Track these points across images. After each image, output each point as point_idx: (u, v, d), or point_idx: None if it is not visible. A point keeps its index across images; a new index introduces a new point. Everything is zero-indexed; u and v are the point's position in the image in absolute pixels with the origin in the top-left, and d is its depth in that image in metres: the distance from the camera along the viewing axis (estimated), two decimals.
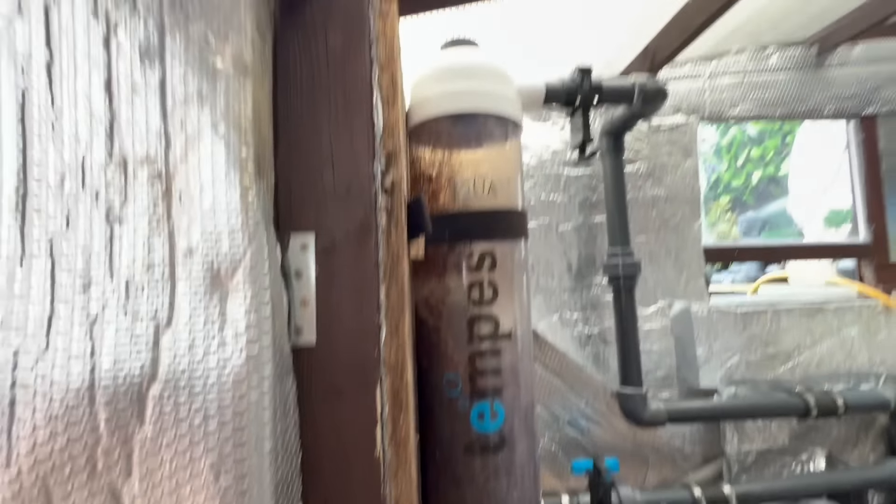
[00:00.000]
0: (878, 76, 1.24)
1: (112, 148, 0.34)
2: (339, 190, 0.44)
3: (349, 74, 0.45)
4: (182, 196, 0.34)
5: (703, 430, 1.12)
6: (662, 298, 1.16)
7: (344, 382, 0.42)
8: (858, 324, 1.16)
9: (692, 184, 1.19)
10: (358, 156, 0.44)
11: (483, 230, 0.68)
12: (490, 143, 0.72)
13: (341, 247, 0.43)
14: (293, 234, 0.43)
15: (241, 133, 0.35)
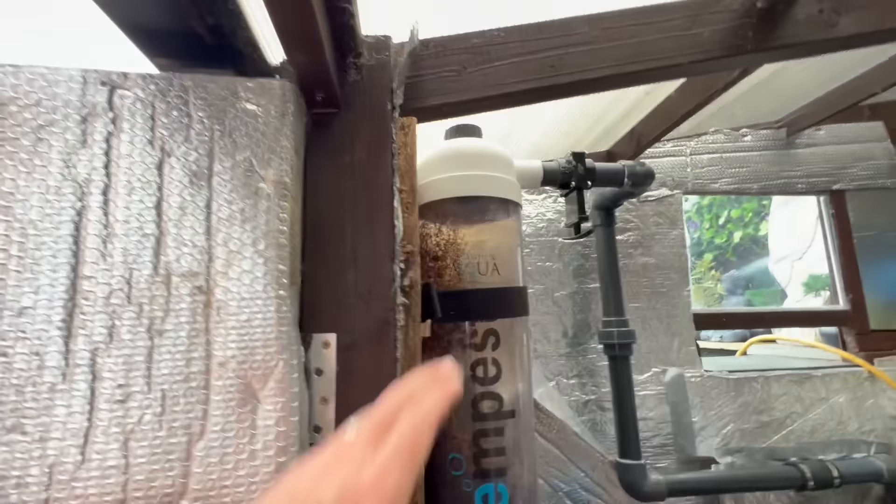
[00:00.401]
0: (843, 155, 1.35)
1: (158, 264, 0.37)
2: (360, 290, 0.47)
3: (372, 183, 0.49)
4: (221, 309, 0.37)
5: (702, 502, 1.11)
6: (656, 365, 1.18)
7: None
8: (845, 391, 1.19)
9: (680, 252, 1.25)
10: (380, 258, 0.48)
11: (487, 309, 0.71)
12: (493, 222, 0.77)
13: (361, 344, 0.46)
14: (315, 334, 0.45)
15: (280, 249, 0.38)
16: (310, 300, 0.46)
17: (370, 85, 0.51)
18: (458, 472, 0.66)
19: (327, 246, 0.47)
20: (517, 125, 1.12)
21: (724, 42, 0.62)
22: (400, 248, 0.49)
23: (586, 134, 1.22)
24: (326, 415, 0.44)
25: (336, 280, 0.47)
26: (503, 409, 0.69)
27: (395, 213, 0.49)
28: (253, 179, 0.39)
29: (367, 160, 0.50)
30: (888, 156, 1.36)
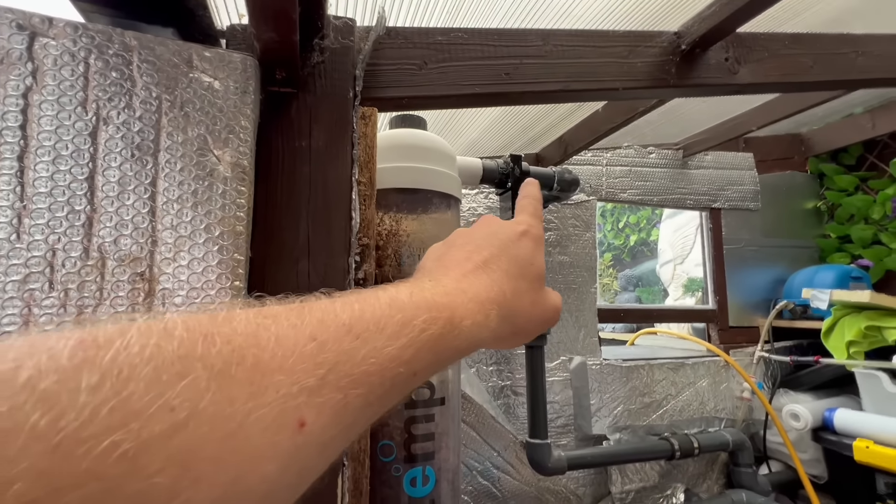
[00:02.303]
0: (722, 179, 1.60)
1: (90, 245, 0.33)
2: (313, 282, 0.46)
3: (331, 172, 0.48)
4: (166, 298, 0.34)
5: (593, 474, 1.27)
6: (564, 354, 1.31)
7: None
8: (707, 377, 1.43)
9: (591, 253, 1.38)
10: (335, 250, 0.47)
11: None
12: (435, 216, 0.78)
13: None
14: None
15: (236, 237, 0.36)
16: (257, 289, 0.44)
17: (332, 69, 0.49)
18: (389, 458, 0.68)
19: (280, 233, 0.45)
20: (457, 121, 1.14)
21: (651, 74, 0.70)
22: (356, 241, 0.48)
23: (519, 136, 1.29)
24: None
25: (287, 270, 0.45)
26: (434, 396, 0.72)
27: (353, 204, 0.48)
28: (207, 159, 0.36)
29: (325, 147, 0.48)
30: (753, 183, 1.64)
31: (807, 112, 1.57)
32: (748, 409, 1.43)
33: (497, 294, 0.27)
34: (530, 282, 0.30)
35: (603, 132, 1.06)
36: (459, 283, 0.26)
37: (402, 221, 0.75)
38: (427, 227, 0.77)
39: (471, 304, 0.25)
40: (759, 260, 1.62)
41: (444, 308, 0.23)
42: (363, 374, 0.18)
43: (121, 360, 0.13)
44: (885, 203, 1.57)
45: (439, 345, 0.22)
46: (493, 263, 0.28)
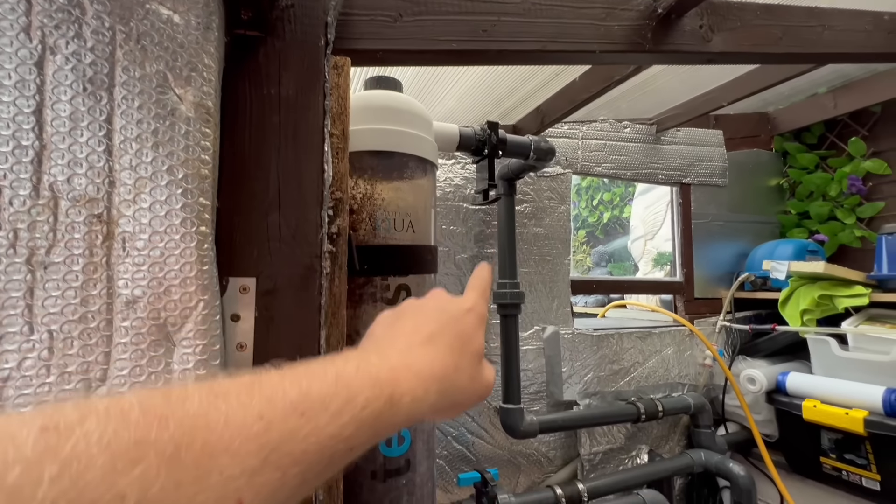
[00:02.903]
0: (692, 154, 1.63)
1: (39, 183, 0.31)
2: (284, 235, 0.45)
3: (302, 122, 0.46)
4: (127, 242, 0.32)
5: (563, 437, 1.32)
6: (537, 323, 1.34)
7: None
8: (673, 345, 1.49)
9: (565, 225, 1.40)
10: (307, 203, 0.46)
11: (401, 265, 0.73)
12: (410, 180, 0.78)
13: (284, 291, 0.44)
14: (231, 278, 0.43)
15: (202, 181, 0.35)
16: (225, 241, 0.43)
17: (302, 14, 0.47)
18: None
19: (249, 184, 0.44)
20: (433, 88, 1.12)
21: (628, 38, 0.70)
22: (329, 195, 0.47)
23: (496, 106, 1.28)
24: (242, 362, 0.42)
25: (258, 222, 0.44)
26: None
27: (325, 156, 0.47)
28: (167, 98, 0.34)
29: (296, 96, 0.46)
30: (722, 159, 1.69)
31: (774, 91, 1.61)
32: (709, 374, 1.51)
33: (439, 369, 0.28)
34: (470, 358, 0.31)
35: (580, 102, 1.06)
36: (405, 356, 0.27)
37: (378, 185, 0.74)
38: (403, 191, 0.76)
39: (413, 380, 0.26)
40: (725, 234, 1.68)
41: (387, 384, 0.24)
42: (303, 453, 0.19)
43: (80, 449, 0.14)
44: (841, 181, 1.65)
45: (379, 421, 0.23)
46: (439, 337, 0.30)
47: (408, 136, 0.76)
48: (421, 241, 0.76)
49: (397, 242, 0.73)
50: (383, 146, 0.74)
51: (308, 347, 0.45)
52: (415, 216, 0.76)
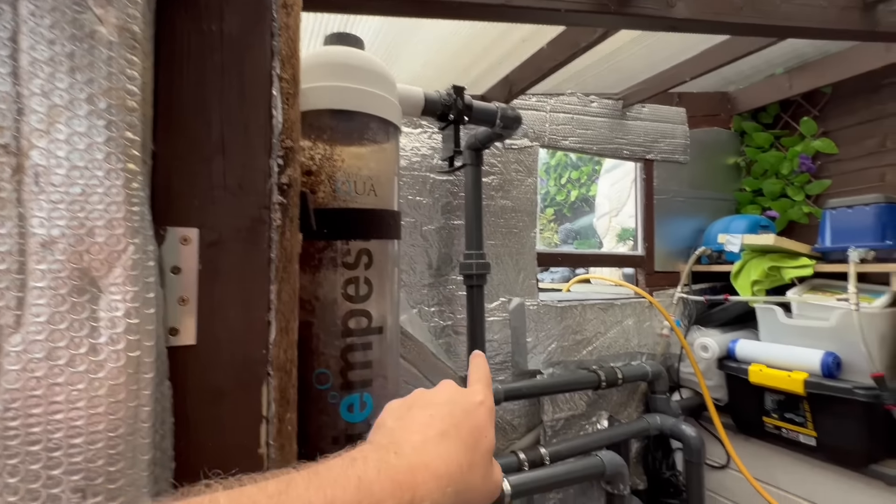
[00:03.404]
0: (656, 131, 1.67)
1: None
2: (229, 183, 0.42)
3: (247, 63, 0.43)
4: (40, 177, 0.29)
5: (527, 405, 1.35)
6: (503, 295, 1.35)
7: (226, 383, 0.41)
8: (633, 316, 1.55)
9: (531, 198, 1.41)
10: (254, 149, 0.43)
11: (363, 229, 0.71)
12: (373, 143, 0.75)
13: (230, 242, 0.42)
14: (170, 227, 0.40)
15: (128, 114, 0.32)
16: (163, 188, 0.40)
17: None
18: (325, 385, 0.67)
19: (188, 127, 0.41)
20: (396, 52, 1.08)
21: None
22: (278, 142, 0.45)
23: (464, 74, 1.25)
24: (185, 316, 0.40)
25: (199, 168, 0.41)
26: (372, 325, 0.71)
27: (273, 101, 0.44)
28: (85, 17, 0.31)
29: (239, 34, 0.43)
30: (684, 137, 1.73)
31: (734, 70, 1.66)
32: (666, 344, 1.58)
33: (455, 468, 0.28)
34: (483, 455, 0.30)
35: (547, 70, 1.05)
36: (421, 454, 0.27)
37: (338, 146, 0.71)
38: (364, 154, 0.73)
39: (432, 481, 0.26)
40: (685, 210, 1.74)
41: (408, 489, 0.24)
42: None
43: None
44: (793, 159, 1.73)
45: None
46: (454, 432, 0.29)
47: (370, 96, 0.73)
48: (383, 206, 0.74)
49: (358, 206, 0.71)
50: (343, 105, 0.71)
51: (257, 303, 0.43)
52: (377, 180, 0.74)
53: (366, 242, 0.70)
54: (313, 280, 0.68)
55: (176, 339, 0.39)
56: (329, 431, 0.66)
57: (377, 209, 0.73)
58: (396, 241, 0.78)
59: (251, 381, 0.42)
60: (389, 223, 0.76)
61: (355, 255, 0.70)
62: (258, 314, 0.43)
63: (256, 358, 0.43)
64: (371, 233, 0.72)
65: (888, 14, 1.06)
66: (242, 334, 0.42)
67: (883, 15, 1.05)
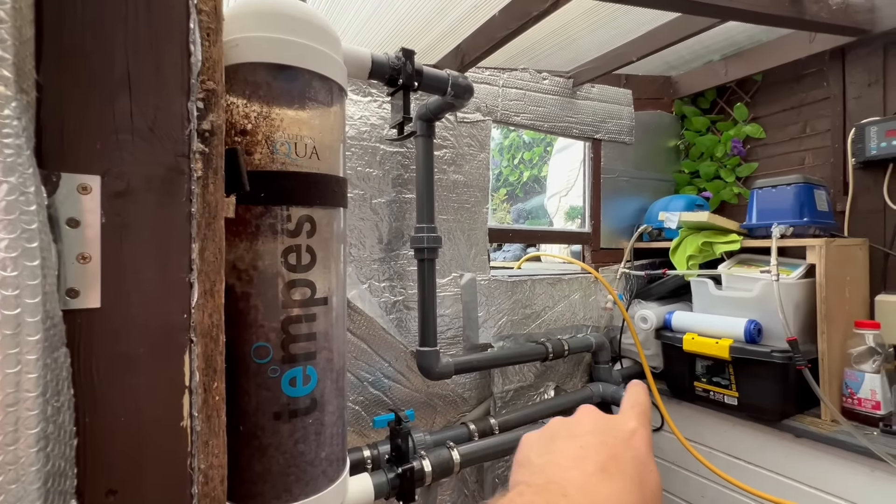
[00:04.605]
0: (604, 111, 1.71)
1: None
2: (139, 126, 0.37)
3: None
4: None
5: (478, 378, 1.37)
6: (455, 270, 1.35)
7: (139, 350, 0.37)
8: (580, 291, 1.60)
9: (484, 174, 1.40)
10: (167, 89, 0.38)
11: (304, 194, 0.66)
12: (315, 103, 0.70)
13: (140, 194, 0.37)
14: (65, 174, 0.34)
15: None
16: (54, 129, 0.34)
17: None
18: (264, 360, 0.64)
19: (84, 58, 0.35)
20: (340, 12, 1.02)
21: None
22: (197, 83, 0.40)
23: (413, 42, 1.21)
24: (86, 275, 0.35)
25: (101, 108, 0.36)
26: (316, 296, 0.68)
27: (190, 34, 0.39)
28: None
29: None
30: (630, 118, 1.78)
31: (676, 55, 1.72)
32: (610, 317, 1.65)
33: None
34: (652, 493, 0.26)
35: (499, 39, 1.03)
36: (588, 493, 0.24)
37: (276, 104, 0.66)
38: (306, 114, 0.69)
39: None
40: (629, 190, 1.81)
41: None
42: None
43: None
44: (726, 143, 1.84)
45: None
46: (613, 466, 0.26)
47: (312, 51, 0.68)
48: (328, 171, 0.70)
49: (299, 169, 0.66)
50: (282, 59, 0.65)
51: (176, 262, 0.39)
52: (320, 143, 0.69)
53: (308, 209, 0.66)
54: (251, 248, 0.64)
55: (75, 302, 0.34)
56: (270, 407, 0.63)
57: (320, 174, 0.69)
58: (342, 210, 0.74)
59: (171, 349, 0.38)
60: (334, 189, 0.71)
61: (296, 222, 0.65)
62: (178, 275, 0.39)
63: (176, 323, 0.39)
64: (313, 199, 0.67)
65: (813, 4, 1.13)
66: (159, 297, 0.38)
67: (809, 4, 1.12)
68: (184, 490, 0.38)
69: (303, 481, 0.64)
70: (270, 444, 0.63)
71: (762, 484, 1.26)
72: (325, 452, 0.68)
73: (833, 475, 1.15)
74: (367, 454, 1.02)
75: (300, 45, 0.65)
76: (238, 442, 0.61)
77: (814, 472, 1.18)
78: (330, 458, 0.68)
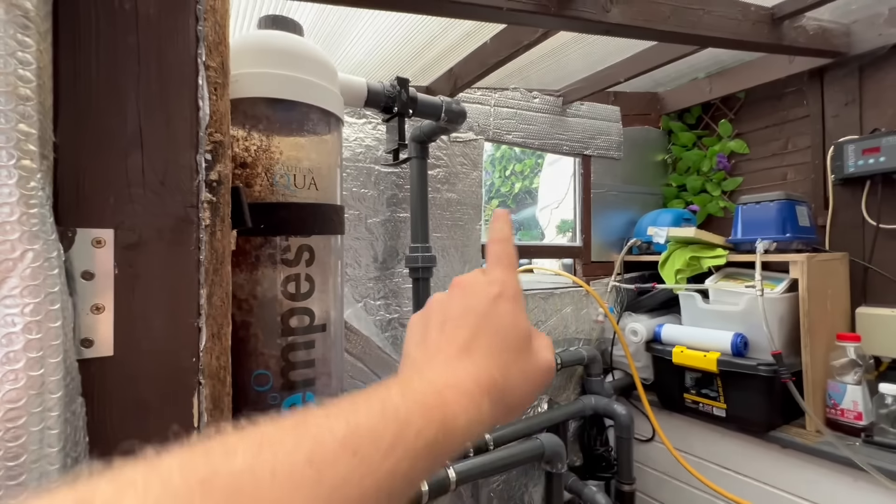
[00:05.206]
0: (594, 128, 1.75)
1: None
2: (150, 180, 0.39)
3: (167, 47, 0.40)
4: None
5: None
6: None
7: (152, 395, 0.39)
8: (572, 304, 1.63)
9: (477, 191, 1.43)
10: (178, 143, 0.40)
11: (303, 224, 0.68)
12: (313, 135, 0.72)
13: (151, 245, 0.39)
14: (80, 229, 0.36)
15: (21, 102, 0.28)
16: (70, 186, 0.36)
17: None
18: (264, 387, 0.65)
19: (99, 117, 0.37)
20: (339, 40, 1.04)
21: (535, 0, 0.70)
22: (205, 136, 0.42)
23: (407, 66, 1.23)
24: (101, 326, 0.37)
25: (114, 164, 0.38)
26: (314, 323, 0.69)
27: (199, 91, 0.41)
28: None
29: (158, 15, 0.39)
30: (619, 134, 1.83)
31: (663, 73, 1.77)
32: (601, 329, 1.68)
33: (486, 380, 0.26)
34: (516, 352, 0.28)
35: (491, 65, 1.06)
36: (446, 376, 0.25)
37: (275, 138, 0.68)
38: (304, 146, 0.71)
39: (463, 399, 0.24)
40: (618, 204, 1.85)
41: (437, 409, 0.22)
42: (360, 498, 0.18)
43: None
44: (711, 158, 1.89)
45: (435, 450, 0.21)
46: (475, 343, 0.27)
47: (310, 85, 0.70)
48: (325, 200, 0.72)
49: (298, 200, 0.68)
50: (282, 94, 0.67)
51: (185, 308, 0.40)
52: (318, 173, 0.72)
53: (306, 238, 0.68)
54: (251, 278, 0.65)
55: (90, 351, 0.36)
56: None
57: (318, 204, 0.71)
58: (339, 236, 0.76)
59: (180, 392, 0.40)
60: (332, 218, 0.73)
61: (295, 251, 0.67)
62: (187, 320, 0.40)
63: (186, 367, 0.40)
64: (312, 229, 0.69)
65: (791, 30, 1.18)
66: (169, 342, 0.39)
67: (787, 30, 1.17)
68: None
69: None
70: None
71: (750, 494, 1.28)
72: None
73: (818, 485, 1.18)
74: None
75: (299, 80, 0.68)
76: None
77: (800, 482, 1.21)
78: None
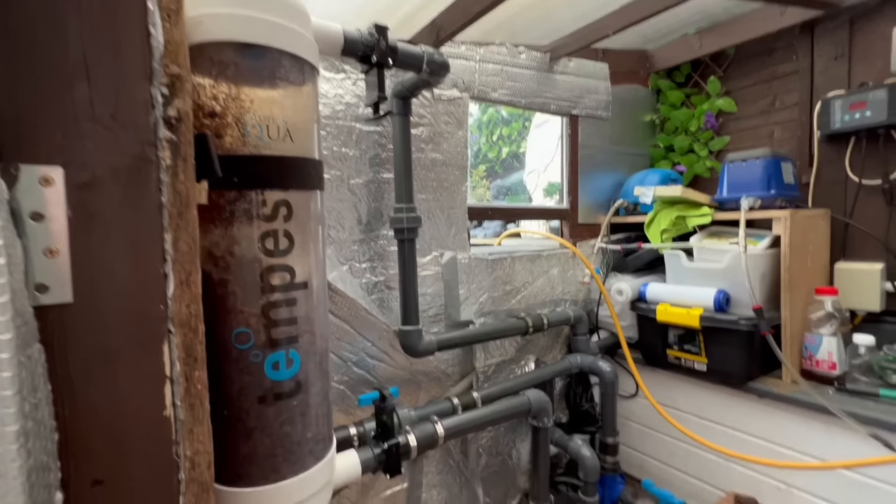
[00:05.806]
0: (582, 87, 1.70)
1: None
2: (99, 113, 0.36)
3: None
4: None
5: (460, 354, 1.40)
6: (436, 249, 1.35)
7: (117, 343, 0.37)
8: (558, 266, 1.63)
9: (462, 152, 1.39)
10: (127, 73, 0.37)
11: (279, 178, 0.65)
12: (286, 83, 0.68)
13: (106, 185, 0.36)
14: (24, 165, 0.33)
15: None
16: (9, 118, 0.33)
17: None
18: (245, 345, 0.64)
19: (36, 43, 0.33)
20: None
21: None
22: (160, 67, 0.38)
23: (386, 16, 1.17)
24: (55, 270, 0.34)
25: (57, 95, 0.34)
26: (296, 280, 0.68)
27: (149, 16, 0.37)
28: None
29: None
30: (607, 93, 1.79)
31: (653, 29, 1.72)
32: (587, 290, 1.70)
33: None
34: None
35: (475, 13, 1.01)
36: None
37: (245, 85, 0.64)
38: (277, 95, 0.67)
39: None
40: (606, 165, 1.83)
41: None
42: None
43: None
44: (700, 117, 1.86)
45: None
46: None
47: (280, 29, 0.65)
48: (301, 153, 0.69)
49: (272, 152, 0.65)
50: (250, 37, 0.63)
51: (149, 253, 0.38)
52: (293, 125, 0.68)
53: (283, 193, 0.65)
54: (226, 234, 0.63)
55: (46, 297, 0.34)
56: (254, 391, 0.64)
57: (295, 157, 0.68)
58: (319, 193, 0.74)
59: (149, 340, 0.38)
60: (310, 172, 0.70)
61: (272, 206, 0.65)
62: (152, 265, 0.38)
63: (153, 314, 0.38)
64: (288, 182, 0.67)
65: None
66: (134, 289, 0.38)
67: None
68: (171, 476, 0.39)
69: (290, 461, 0.66)
70: (256, 427, 0.64)
71: (728, 442, 1.34)
72: (311, 432, 0.69)
73: (792, 431, 1.23)
74: (354, 432, 1.04)
75: (268, 21, 0.63)
76: (224, 427, 0.62)
77: (775, 430, 1.27)
78: (316, 437, 0.70)
